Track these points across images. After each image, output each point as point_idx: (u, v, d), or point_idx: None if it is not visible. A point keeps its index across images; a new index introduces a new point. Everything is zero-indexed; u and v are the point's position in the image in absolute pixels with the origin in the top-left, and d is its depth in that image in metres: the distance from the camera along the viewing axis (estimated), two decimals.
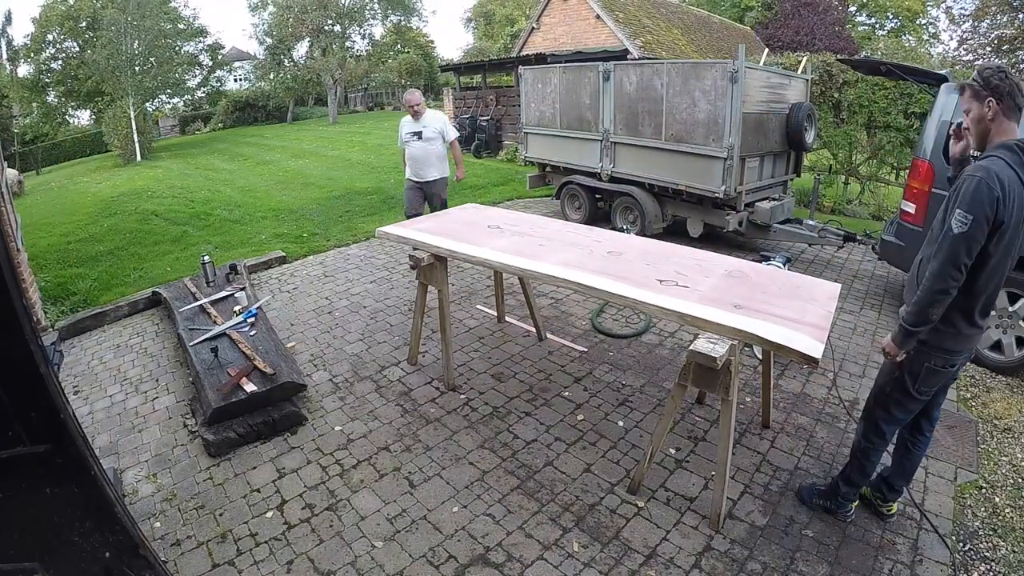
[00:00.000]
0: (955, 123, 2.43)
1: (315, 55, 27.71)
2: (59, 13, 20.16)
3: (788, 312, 2.20)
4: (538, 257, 2.86)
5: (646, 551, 2.25)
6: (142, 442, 3.01)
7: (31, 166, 20.40)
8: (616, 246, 3.05)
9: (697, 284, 2.48)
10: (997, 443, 2.95)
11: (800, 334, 2.02)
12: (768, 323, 2.10)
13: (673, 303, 2.27)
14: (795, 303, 2.31)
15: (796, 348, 1.94)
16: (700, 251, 3.00)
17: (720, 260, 2.85)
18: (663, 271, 2.64)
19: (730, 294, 2.38)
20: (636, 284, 2.46)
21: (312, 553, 2.26)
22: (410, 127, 5.11)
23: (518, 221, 3.63)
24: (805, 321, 2.13)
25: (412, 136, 5.10)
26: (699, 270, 2.67)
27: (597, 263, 2.76)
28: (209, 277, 4.63)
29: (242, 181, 11.10)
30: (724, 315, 2.16)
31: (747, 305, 2.26)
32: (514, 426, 3.06)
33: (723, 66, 5.02)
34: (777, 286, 2.50)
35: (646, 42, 14.75)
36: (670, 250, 3.00)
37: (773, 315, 2.17)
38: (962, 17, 22.88)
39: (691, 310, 2.21)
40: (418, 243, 3.21)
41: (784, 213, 5.85)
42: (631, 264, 2.75)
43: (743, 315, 2.16)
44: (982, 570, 2.18)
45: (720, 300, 2.30)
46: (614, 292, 2.40)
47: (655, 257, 2.86)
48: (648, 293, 2.37)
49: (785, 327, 2.06)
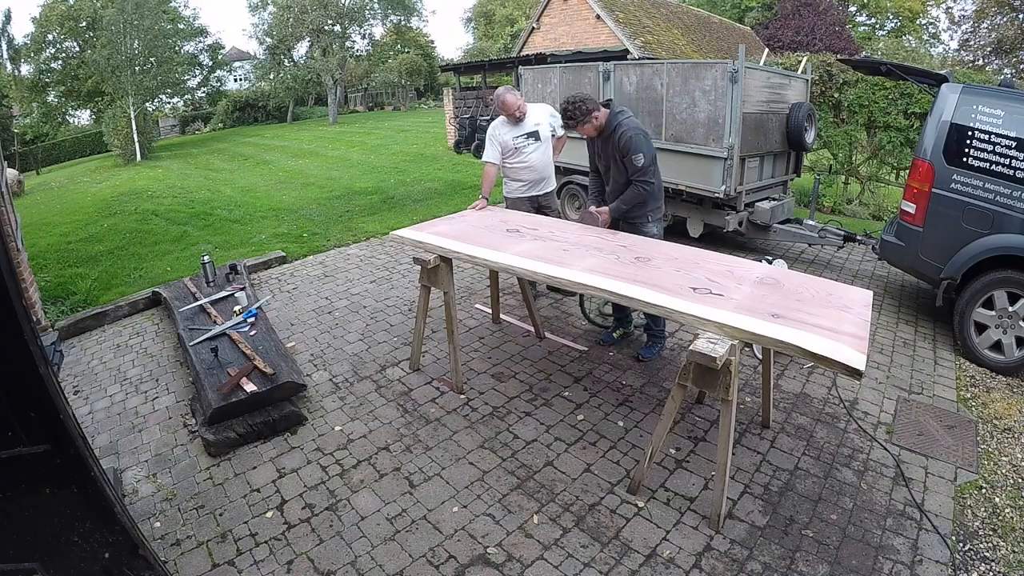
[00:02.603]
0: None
1: (315, 55, 27.74)
2: (59, 13, 20.19)
3: (825, 321, 2.16)
4: (564, 263, 2.78)
5: (646, 551, 2.25)
6: (142, 442, 3.01)
7: (31, 166, 20.43)
8: (643, 251, 2.99)
9: (731, 292, 2.43)
10: (997, 443, 2.95)
11: (841, 344, 1.98)
12: (809, 333, 2.05)
13: (711, 312, 2.21)
14: (830, 311, 2.26)
15: (840, 360, 1.90)
16: (728, 256, 2.96)
17: (750, 266, 2.83)
18: (695, 278, 2.58)
19: (765, 302, 2.32)
20: (670, 292, 2.40)
21: (312, 553, 2.26)
22: (515, 130, 4.09)
23: (536, 224, 3.56)
24: (843, 331, 2.09)
25: (527, 139, 4.10)
26: (731, 277, 2.61)
27: (627, 270, 2.70)
28: (209, 277, 4.63)
29: (242, 181, 11.11)
30: (764, 325, 2.11)
31: (784, 314, 2.20)
32: (514, 426, 3.06)
33: (723, 66, 5.02)
34: (810, 293, 2.46)
35: (646, 42, 14.75)
36: (699, 256, 2.93)
37: (811, 324, 2.13)
38: (962, 18, 22.92)
39: (730, 320, 2.15)
40: (437, 248, 3.14)
41: (784, 213, 5.85)
42: (661, 271, 2.69)
43: (782, 324, 2.12)
44: (982, 570, 2.18)
45: (756, 309, 2.25)
46: (650, 301, 2.35)
47: (684, 263, 2.80)
48: (684, 303, 2.31)
49: (826, 338, 2.02)
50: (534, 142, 4.12)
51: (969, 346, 3.84)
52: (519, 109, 4.02)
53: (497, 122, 4.17)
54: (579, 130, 3.39)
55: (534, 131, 4.11)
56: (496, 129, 4.13)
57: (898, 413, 3.18)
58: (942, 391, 3.44)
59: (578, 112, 3.28)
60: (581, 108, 3.27)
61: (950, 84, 4.04)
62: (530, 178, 4.21)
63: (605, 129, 3.36)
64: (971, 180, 3.79)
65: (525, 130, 4.10)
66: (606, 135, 3.37)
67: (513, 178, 4.27)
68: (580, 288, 2.63)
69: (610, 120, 3.33)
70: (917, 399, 3.34)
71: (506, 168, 4.24)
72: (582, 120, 3.30)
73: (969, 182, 3.80)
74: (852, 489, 2.58)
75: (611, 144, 3.35)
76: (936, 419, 3.13)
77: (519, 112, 4.03)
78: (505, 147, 4.12)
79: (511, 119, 4.07)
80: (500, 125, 4.14)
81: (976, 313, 3.79)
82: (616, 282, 2.53)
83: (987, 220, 3.73)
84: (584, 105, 3.27)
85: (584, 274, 2.64)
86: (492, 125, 4.18)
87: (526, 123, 4.09)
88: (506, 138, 4.10)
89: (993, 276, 3.71)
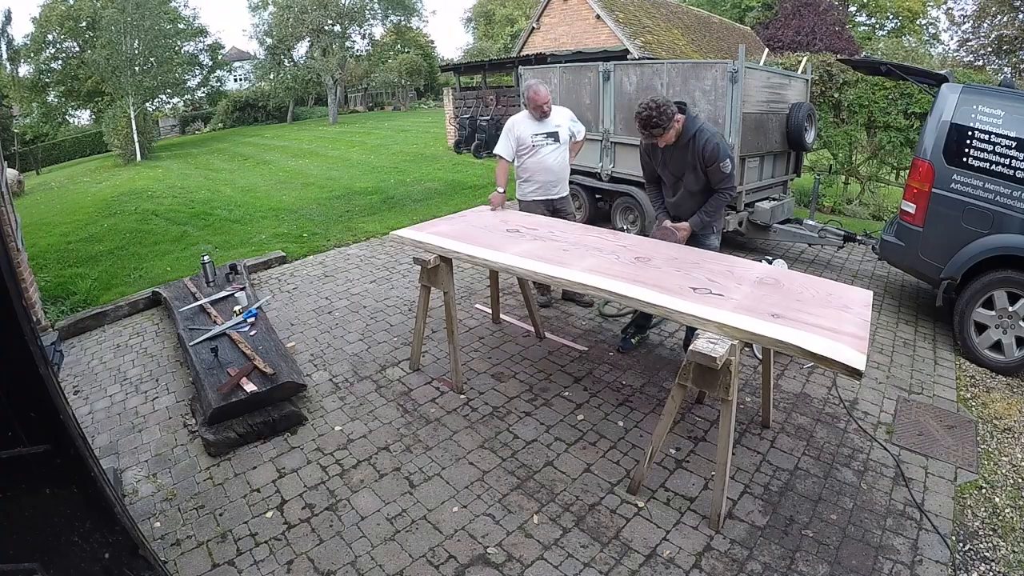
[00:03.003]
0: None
1: (315, 55, 27.75)
2: (59, 13, 20.20)
3: (825, 321, 2.16)
4: (564, 263, 2.78)
5: (646, 551, 2.25)
6: (142, 442, 3.01)
7: (31, 166, 20.44)
8: (643, 251, 2.98)
9: (731, 292, 2.44)
10: (997, 443, 2.95)
11: (841, 344, 1.99)
12: (809, 333, 2.06)
13: (710, 312, 2.21)
14: (830, 311, 2.27)
15: (840, 360, 1.91)
16: (728, 256, 2.97)
17: (750, 266, 2.83)
18: (695, 278, 2.58)
19: (765, 303, 2.33)
20: (670, 292, 2.41)
21: (312, 553, 2.26)
22: (536, 127, 3.94)
23: (537, 224, 3.55)
24: (843, 331, 2.09)
25: (546, 139, 3.94)
26: (731, 277, 2.62)
27: (626, 270, 2.70)
28: (209, 277, 4.63)
29: (242, 181, 11.11)
30: (764, 325, 2.12)
31: (784, 314, 2.21)
32: (514, 426, 3.06)
33: (723, 66, 5.02)
34: (810, 293, 2.46)
35: (646, 42, 14.75)
36: (699, 256, 2.94)
37: (811, 324, 2.13)
38: (962, 17, 22.92)
39: (730, 320, 2.15)
40: (437, 248, 3.14)
41: (784, 213, 5.85)
42: (661, 271, 2.70)
43: (782, 324, 2.12)
44: (982, 570, 2.18)
45: (756, 309, 2.26)
46: (649, 301, 2.35)
47: (684, 263, 2.80)
48: (684, 302, 2.31)
49: (826, 338, 2.03)
50: (553, 142, 3.98)
51: (969, 346, 3.84)
52: (548, 104, 3.87)
53: (519, 116, 3.99)
54: (661, 138, 3.10)
55: (555, 131, 3.96)
56: (516, 123, 3.95)
57: (898, 413, 3.18)
58: (942, 391, 3.44)
59: (663, 118, 2.99)
60: (667, 113, 2.99)
61: (950, 84, 4.04)
62: (545, 179, 4.06)
63: (683, 136, 3.12)
64: (971, 180, 3.79)
65: (547, 129, 3.94)
66: (683, 142, 3.13)
67: (526, 179, 4.11)
68: (580, 288, 2.62)
69: (688, 126, 3.10)
70: (917, 399, 3.34)
71: (521, 167, 4.07)
72: (668, 126, 3.02)
73: (969, 182, 3.80)
74: (852, 489, 2.58)
75: (691, 151, 3.12)
76: (936, 419, 3.13)
77: (547, 107, 3.88)
78: (522, 143, 3.94)
79: (536, 113, 3.90)
80: (522, 119, 3.96)
81: (976, 313, 3.79)
82: (616, 282, 2.53)
83: (987, 220, 3.73)
84: (669, 109, 3.00)
85: (584, 274, 2.64)
86: (513, 118, 3.99)
87: (549, 122, 3.95)
88: (525, 134, 3.92)
89: (993, 276, 3.71)
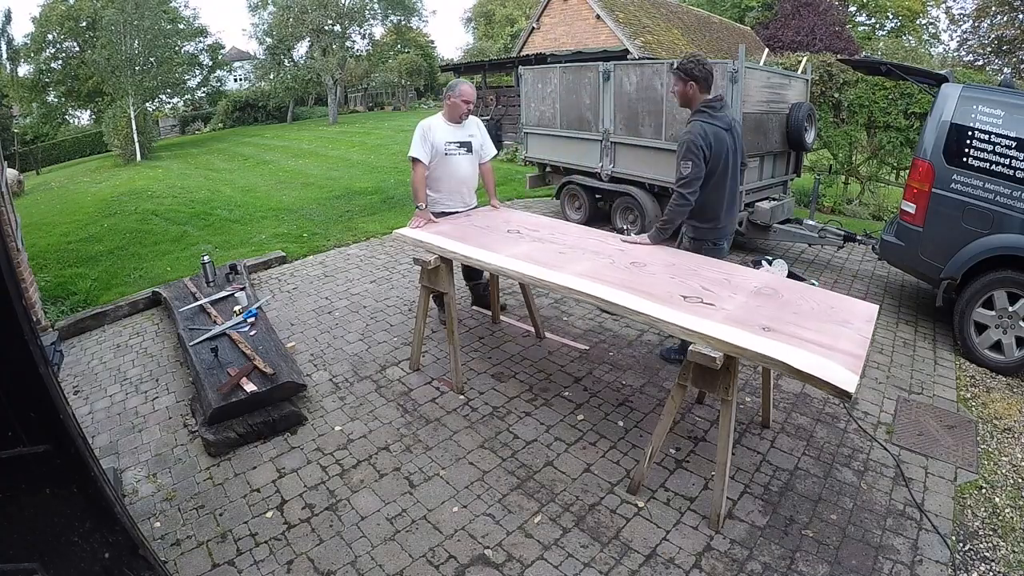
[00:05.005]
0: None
1: (315, 55, 27.72)
2: (59, 13, 20.21)
3: (820, 336, 2.06)
4: (557, 267, 2.73)
5: (646, 551, 2.25)
6: (142, 442, 3.01)
7: (31, 166, 20.42)
8: (641, 256, 2.92)
9: (723, 302, 2.34)
10: (997, 443, 2.95)
11: (832, 362, 1.87)
12: (798, 349, 1.94)
13: (694, 323, 2.14)
14: (828, 326, 2.16)
15: (827, 379, 1.79)
16: (728, 264, 2.88)
17: (750, 274, 2.73)
18: (688, 286, 2.51)
19: (758, 314, 2.23)
20: (657, 300, 2.34)
21: (312, 553, 2.26)
22: (451, 134, 3.60)
23: (538, 226, 3.51)
24: (838, 347, 1.98)
25: (458, 148, 3.63)
26: (727, 286, 2.53)
27: (619, 275, 2.63)
28: (209, 277, 4.63)
29: (242, 181, 11.11)
30: (751, 339, 2.02)
31: (777, 327, 2.10)
32: (514, 426, 3.06)
33: (723, 66, 5.02)
34: (810, 306, 2.34)
35: (646, 42, 14.75)
36: (697, 262, 2.86)
37: (804, 339, 2.03)
38: (962, 17, 22.93)
39: (714, 331, 2.07)
40: (436, 248, 3.14)
41: (784, 213, 5.85)
42: (655, 277, 2.62)
43: (770, 339, 2.02)
44: (982, 570, 2.18)
45: (747, 321, 2.16)
46: (631, 308, 2.28)
47: (681, 270, 2.73)
48: (671, 311, 2.23)
49: (817, 354, 1.92)
50: (466, 153, 3.67)
51: (969, 346, 3.84)
52: (469, 111, 3.61)
53: (435, 119, 3.61)
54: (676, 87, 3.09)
55: (468, 141, 3.67)
56: (432, 126, 3.55)
57: (898, 413, 3.18)
58: (942, 391, 3.44)
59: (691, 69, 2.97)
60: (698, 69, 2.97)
61: (950, 84, 4.05)
62: (456, 189, 3.74)
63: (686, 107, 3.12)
64: (971, 180, 3.79)
65: (460, 137, 3.63)
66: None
67: (436, 190, 3.70)
68: (567, 292, 2.53)
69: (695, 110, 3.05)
70: (917, 399, 3.34)
71: (430, 178, 3.64)
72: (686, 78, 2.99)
73: (969, 182, 3.80)
74: (852, 489, 2.58)
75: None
76: (936, 419, 3.13)
77: (468, 112, 3.61)
78: (435, 151, 3.55)
79: (454, 119, 3.61)
80: (438, 123, 3.60)
81: (976, 313, 3.79)
82: (605, 288, 2.47)
83: (987, 220, 3.73)
84: (700, 69, 2.97)
85: (574, 279, 2.58)
86: (427, 121, 3.59)
87: (464, 129, 3.66)
88: (435, 139, 3.53)
89: (993, 276, 3.71)
